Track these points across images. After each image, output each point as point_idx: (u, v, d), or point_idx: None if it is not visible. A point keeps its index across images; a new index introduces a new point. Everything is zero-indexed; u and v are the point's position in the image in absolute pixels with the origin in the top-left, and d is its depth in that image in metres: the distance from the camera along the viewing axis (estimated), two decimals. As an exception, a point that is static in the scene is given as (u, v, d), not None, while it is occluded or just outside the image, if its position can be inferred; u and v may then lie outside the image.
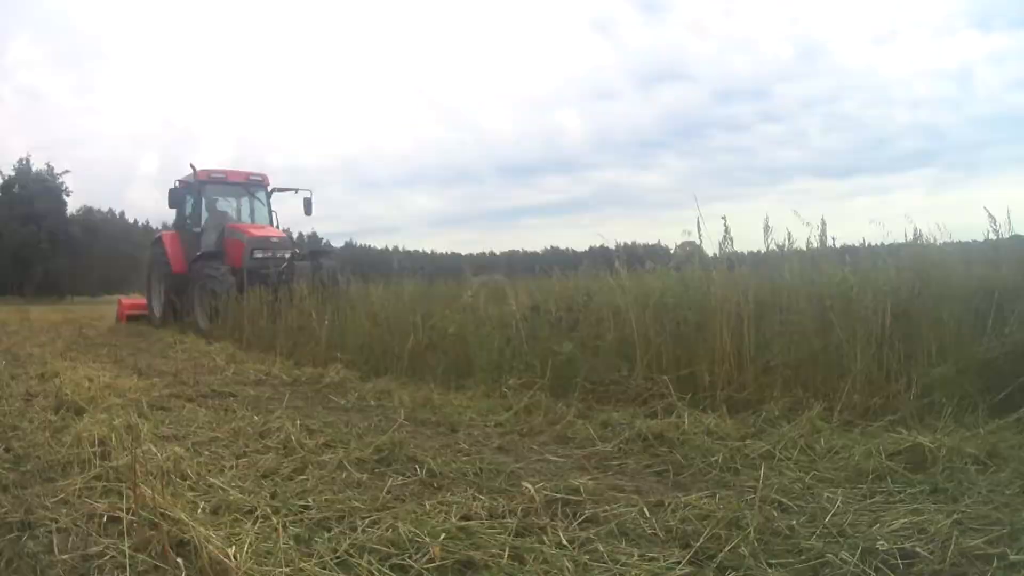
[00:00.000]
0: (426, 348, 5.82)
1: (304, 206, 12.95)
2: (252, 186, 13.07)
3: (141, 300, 14.26)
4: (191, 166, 12.57)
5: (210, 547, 1.96)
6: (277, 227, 12.87)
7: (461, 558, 2.01)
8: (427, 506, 2.45)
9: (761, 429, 3.48)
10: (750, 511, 2.27)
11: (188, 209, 12.86)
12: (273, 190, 13.21)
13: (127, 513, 2.24)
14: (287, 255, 11.29)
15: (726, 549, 2.04)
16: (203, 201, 12.59)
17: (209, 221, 12.75)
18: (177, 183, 12.65)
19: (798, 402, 3.80)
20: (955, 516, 2.21)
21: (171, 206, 12.54)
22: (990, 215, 4.46)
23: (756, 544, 2.06)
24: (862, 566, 1.92)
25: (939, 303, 4.03)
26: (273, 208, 13.33)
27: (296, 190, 13.10)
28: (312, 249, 14.17)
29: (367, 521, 2.31)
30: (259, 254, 11.04)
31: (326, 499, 2.52)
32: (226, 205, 13.36)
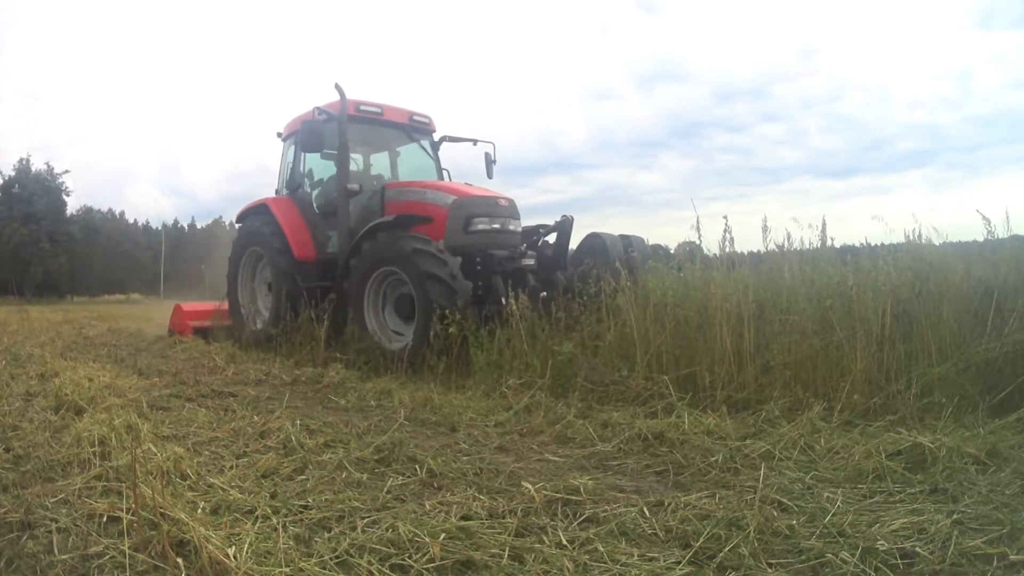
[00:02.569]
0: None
1: (486, 165, 8.83)
2: (415, 130, 8.68)
3: (209, 305, 10.08)
4: (337, 88, 7.50)
5: (210, 547, 1.96)
6: None
7: (461, 558, 2.01)
8: (427, 506, 2.45)
9: (761, 429, 3.48)
10: (750, 511, 2.27)
11: (305, 161, 8.50)
12: (442, 139, 8.84)
13: (127, 513, 2.24)
14: (515, 229, 7.17)
15: (726, 549, 2.04)
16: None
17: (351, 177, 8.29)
18: (317, 112, 7.82)
19: (798, 402, 3.80)
20: (955, 516, 2.21)
21: (308, 148, 7.74)
22: (984, 217, 4.46)
23: (756, 544, 2.06)
24: (862, 566, 1.92)
25: (939, 303, 4.03)
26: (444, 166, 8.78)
27: (475, 141, 8.83)
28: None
29: (367, 521, 2.31)
30: (482, 225, 6.72)
31: (326, 499, 2.52)
32: (371, 155, 8.96)
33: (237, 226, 9.31)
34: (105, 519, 2.30)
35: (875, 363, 3.88)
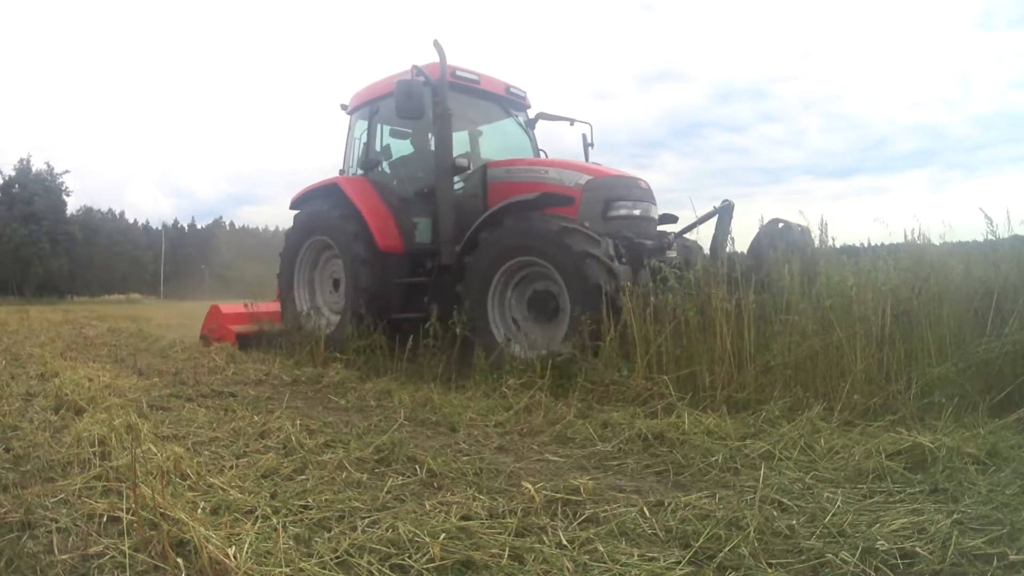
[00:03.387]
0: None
1: (583, 148, 7.87)
2: (511, 104, 7.54)
3: (255, 308, 8.35)
4: (436, 46, 6.31)
5: (210, 547, 1.96)
6: None
7: (461, 558, 2.01)
8: (427, 506, 2.45)
9: (761, 429, 3.48)
10: (750, 511, 2.27)
11: (381, 136, 7.33)
12: (538, 116, 7.81)
13: (127, 513, 2.24)
14: (654, 216, 6.25)
15: (726, 549, 2.04)
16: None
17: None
18: (415, 71, 6.33)
19: (798, 402, 3.80)
20: (955, 516, 2.21)
21: (407, 114, 6.20)
22: (986, 216, 4.46)
23: (756, 544, 2.06)
24: (862, 566, 1.92)
25: (939, 303, 4.03)
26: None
27: (571, 120, 7.84)
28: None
29: (367, 521, 2.31)
30: (623, 209, 5.82)
31: (326, 499, 2.52)
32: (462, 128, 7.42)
33: (293, 213, 7.68)
34: (105, 519, 2.30)
35: (875, 363, 3.88)
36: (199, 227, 79.10)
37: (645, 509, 2.38)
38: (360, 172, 7.40)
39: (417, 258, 6.68)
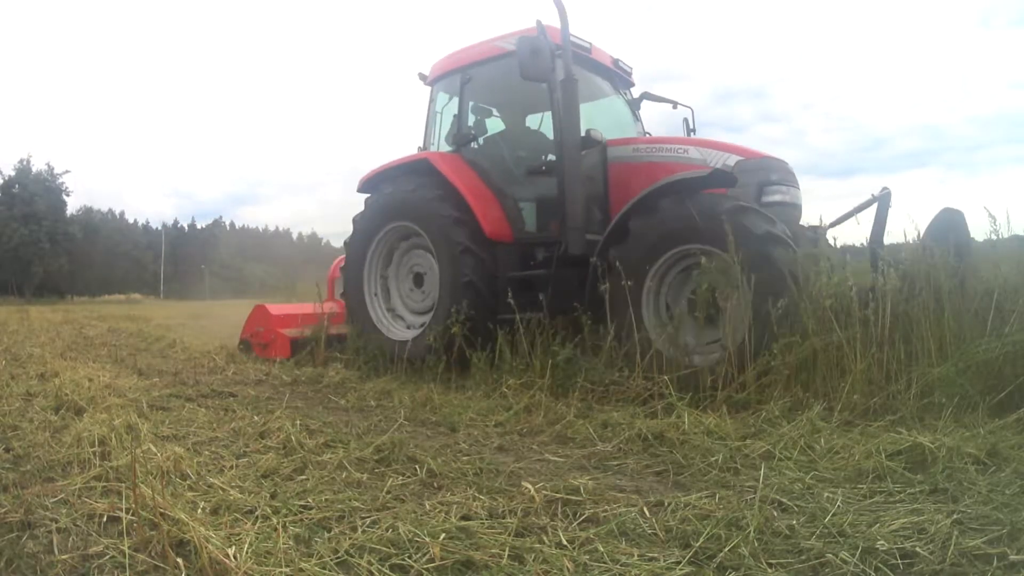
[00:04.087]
0: None
1: (686, 132, 7.09)
2: (619, 79, 6.78)
3: (309, 307, 7.24)
4: (557, 3, 5.39)
5: (210, 547, 1.96)
6: None
7: (461, 558, 2.01)
8: (427, 506, 2.45)
9: (761, 429, 3.48)
10: (750, 511, 2.27)
11: (468, 111, 6.39)
12: (643, 96, 7.03)
13: (127, 513, 2.24)
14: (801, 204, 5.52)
15: (726, 549, 2.04)
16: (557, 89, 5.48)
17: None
18: (539, 26, 5.50)
19: (798, 402, 3.80)
20: (955, 516, 2.21)
21: (534, 75, 5.32)
22: (991, 215, 4.46)
23: (756, 544, 2.06)
24: (862, 566, 1.92)
25: (939, 303, 4.03)
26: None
27: (675, 103, 7.05)
28: None
29: (367, 521, 2.31)
30: (778, 195, 5.22)
31: (326, 499, 2.52)
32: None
33: (365, 197, 6.68)
34: (105, 519, 2.30)
35: (875, 363, 3.88)
36: (199, 227, 79.24)
37: (645, 509, 2.38)
38: (450, 149, 6.44)
39: (527, 248, 5.87)
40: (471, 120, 6.48)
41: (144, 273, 65.57)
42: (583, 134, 5.44)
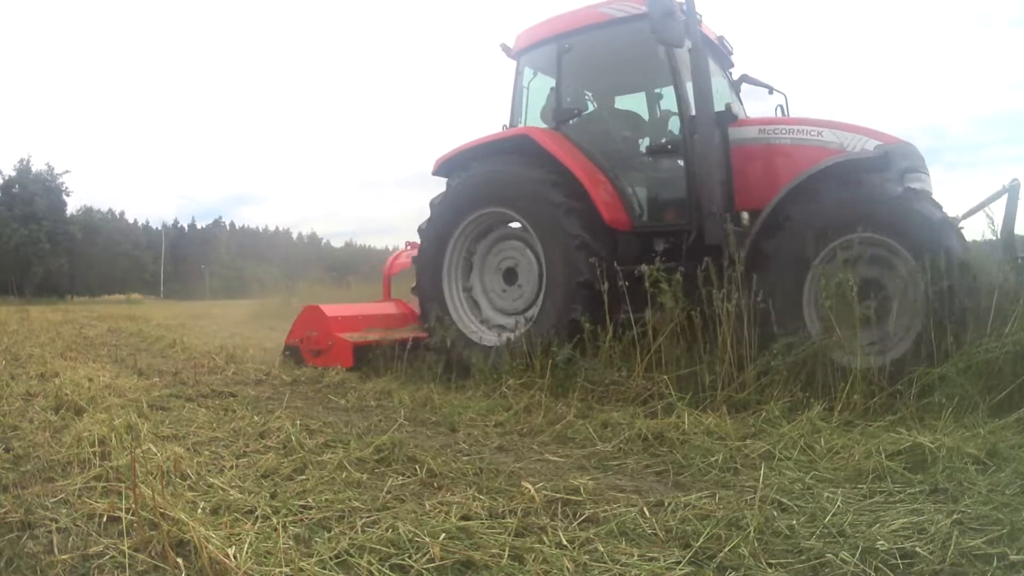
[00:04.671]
0: None
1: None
2: (723, 57, 6.15)
3: (372, 308, 6.84)
4: None
5: (210, 547, 1.96)
6: None
7: (461, 558, 2.01)
8: (427, 506, 2.45)
9: (761, 429, 3.48)
10: (750, 511, 2.27)
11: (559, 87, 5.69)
12: (741, 78, 6.29)
13: (127, 513, 2.24)
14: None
15: (726, 549, 2.04)
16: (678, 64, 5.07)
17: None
18: None
19: (798, 402, 3.80)
20: (955, 516, 2.21)
21: (668, 40, 4.79)
22: (988, 216, 4.46)
23: (756, 544, 2.06)
24: (862, 566, 1.92)
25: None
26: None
27: (771, 88, 6.26)
28: None
29: (367, 521, 2.31)
30: (916, 183, 4.66)
31: (326, 499, 2.52)
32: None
33: (446, 183, 5.89)
34: (105, 519, 2.30)
35: (875, 363, 3.88)
36: (199, 227, 79.23)
37: (645, 509, 2.38)
38: (554, 122, 5.70)
39: (646, 239, 5.25)
40: (571, 92, 5.81)
41: (144, 273, 65.57)
42: (722, 108, 4.95)
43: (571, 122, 5.71)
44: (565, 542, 2.11)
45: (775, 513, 2.30)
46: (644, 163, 5.62)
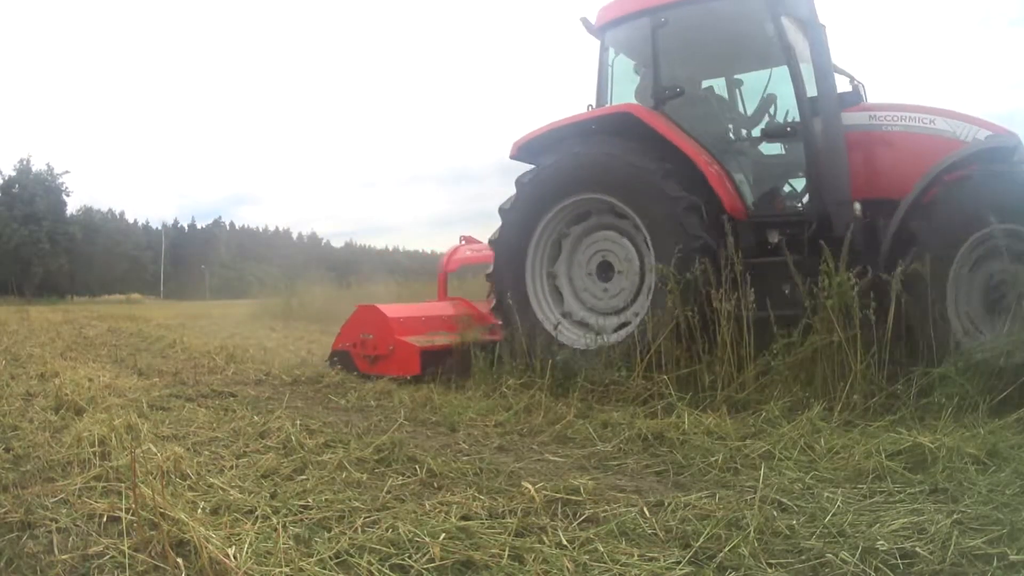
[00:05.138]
0: None
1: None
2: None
3: (440, 308, 6.21)
4: None
5: (210, 547, 1.96)
6: None
7: (461, 558, 2.01)
8: (427, 506, 2.45)
9: (761, 429, 3.48)
10: (750, 511, 2.27)
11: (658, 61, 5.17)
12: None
13: (127, 513, 2.24)
14: None
15: (726, 549, 2.04)
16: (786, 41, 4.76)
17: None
18: None
19: (798, 402, 3.80)
20: (955, 516, 2.21)
21: (793, 11, 4.84)
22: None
23: (756, 544, 2.06)
24: (862, 566, 1.92)
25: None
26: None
27: (852, 78, 5.36)
28: None
29: (367, 521, 2.31)
30: None
31: (326, 499, 2.52)
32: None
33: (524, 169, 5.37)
34: (105, 519, 2.30)
35: (875, 363, 3.88)
36: (199, 227, 79.24)
37: (645, 509, 2.38)
38: (659, 97, 5.14)
39: (759, 229, 4.83)
40: (670, 70, 5.28)
41: (144, 273, 65.58)
42: (847, 89, 4.66)
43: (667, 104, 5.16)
44: (565, 542, 2.11)
45: (775, 513, 2.30)
46: (749, 148, 5.27)
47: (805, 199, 5.04)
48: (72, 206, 56.92)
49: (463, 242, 7.33)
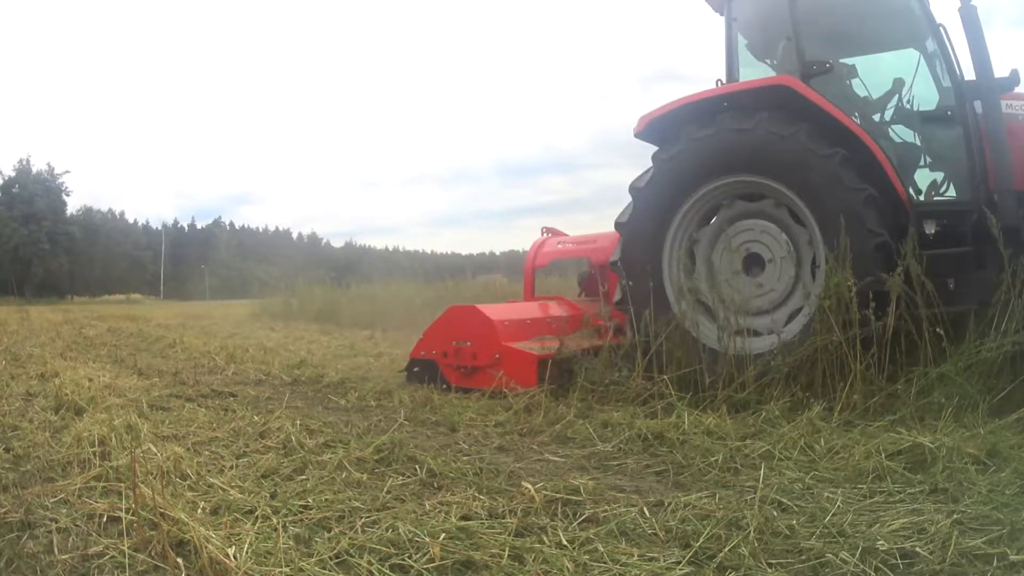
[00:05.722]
0: None
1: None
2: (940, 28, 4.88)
3: (529, 309, 5.49)
4: None
5: (210, 547, 1.96)
6: None
7: (461, 558, 2.01)
8: (427, 506, 2.45)
9: (761, 429, 3.48)
10: (750, 511, 2.27)
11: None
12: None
13: (127, 513, 2.24)
14: None
15: (726, 549, 2.04)
16: None
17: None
18: None
19: (798, 402, 3.80)
20: (955, 516, 2.21)
21: None
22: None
23: (756, 544, 2.06)
24: (862, 566, 1.92)
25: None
26: None
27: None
28: None
29: (367, 521, 2.31)
30: None
31: (326, 499, 2.52)
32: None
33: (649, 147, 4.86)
34: (105, 519, 2.30)
35: (875, 363, 3.87)
36: (199, 227, 79.23)
37: (645, 509, 2.38)
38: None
39: (917, 221, 4.31)
40: (809, 37, 4.78)
41: (144, 273, 65.60)
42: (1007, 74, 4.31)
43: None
44: (565, 542, 2.11)
45: (775, 513, 2.30)
46: (891, 132, 4.89)
47: (947, 188, 4.69)
48: (72, 206, 56.97)
49: (546, 234, 6.61)
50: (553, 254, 6.44)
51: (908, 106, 4.88)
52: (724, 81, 5.15)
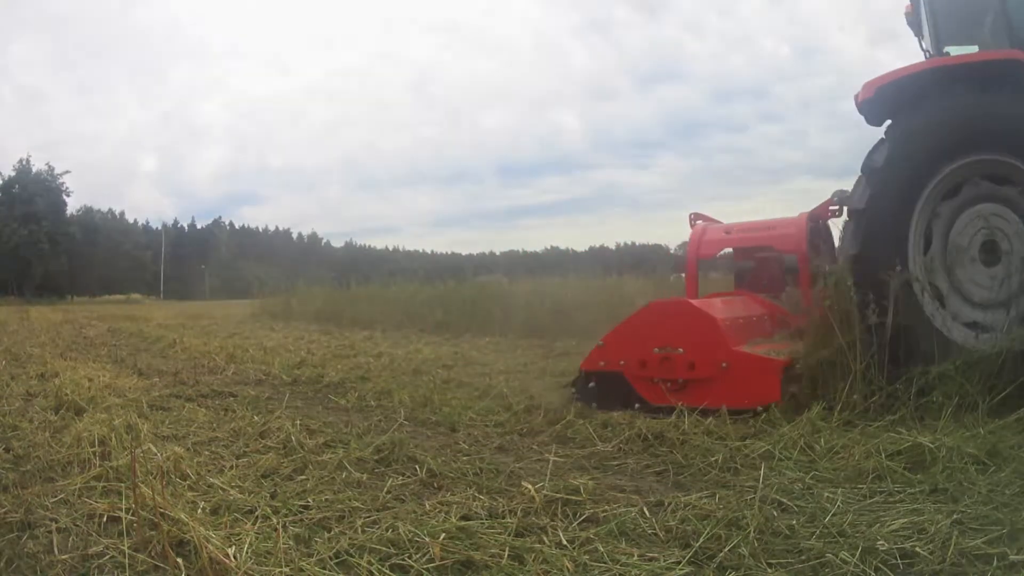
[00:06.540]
0: None
1: None
2: None
3: (736, 306, 4.55)
4: None
5: (210, 547, 1.96)
6: None
7: (461, 558, 2.01)
8: (427, 506, 2.45)
9: (761, 429, 3.48)
10: (750, 511, 2.27)
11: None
12: None
13: (127, 513, 2.24)
14: None
15: (726, 549, 2.04)
16: None
17: None
18: None
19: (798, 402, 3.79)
20: (955, 516, 2.21)
21: None
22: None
23: (756, 544, 2.06)
24: (862, 566, 1.92)
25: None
26: None
27: None
28: None
29: (367, 521, 2.31)
30: None
31: (326, 499, 2.52)
32: None
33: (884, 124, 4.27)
34: (105, 519, 2.30)
35: (875, 363, 3.87)
36: (199, 227, 79.16)
37: (645, 509, 2.38)
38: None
39: None
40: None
41: (144, 273, 65.57)
42: None
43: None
44: (565, 542, 2.11)
45: (775, 513, 2.30)
46: None
47: None
48: (72, 206, 56.94)
49: (697, 220, 5.71)
50: (720, 243, 5.41)
51: None
52: (932, 54, 4.67)
